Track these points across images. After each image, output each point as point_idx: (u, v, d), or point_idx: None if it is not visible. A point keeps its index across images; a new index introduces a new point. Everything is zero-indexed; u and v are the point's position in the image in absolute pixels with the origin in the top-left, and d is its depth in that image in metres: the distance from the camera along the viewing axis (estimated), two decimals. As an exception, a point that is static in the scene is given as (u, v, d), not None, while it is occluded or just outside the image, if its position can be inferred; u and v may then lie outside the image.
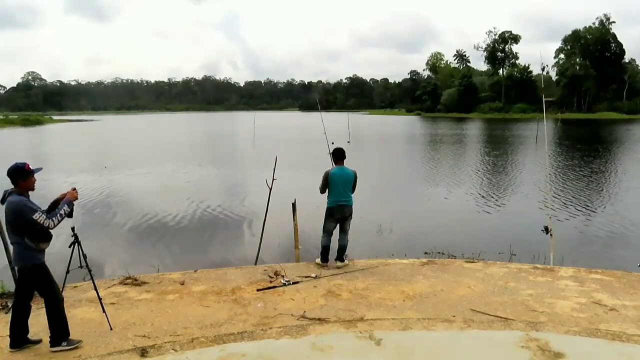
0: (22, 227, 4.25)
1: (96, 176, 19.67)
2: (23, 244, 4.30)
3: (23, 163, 4.39)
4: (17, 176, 4.32)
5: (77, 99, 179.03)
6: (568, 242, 9.55)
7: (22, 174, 4.33)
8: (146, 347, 4.42)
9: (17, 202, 4.24)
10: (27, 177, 4.35)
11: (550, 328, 4.74)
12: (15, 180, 4.34)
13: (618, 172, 20.91)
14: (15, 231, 4.30)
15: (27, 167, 4.35)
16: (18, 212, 4.21)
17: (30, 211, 4.22)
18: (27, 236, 4.28)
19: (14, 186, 4.35)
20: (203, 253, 9.40)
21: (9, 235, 4.41)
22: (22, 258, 4.37)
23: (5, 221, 4.36)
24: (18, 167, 4.33)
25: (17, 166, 4.33)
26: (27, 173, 4.35)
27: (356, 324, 4.91)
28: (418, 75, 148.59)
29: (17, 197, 4.29)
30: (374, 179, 17.54)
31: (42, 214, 4.26)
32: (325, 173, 6.97)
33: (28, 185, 4.38)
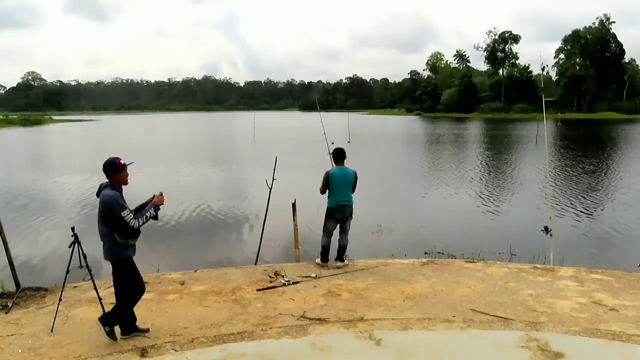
0: (112, 222, 4.36)
1: (96, 176, 19.66)
2: (113, 239, 4.42)
3: (114, 158, 4.50)
4: (109, 171, 4.45)
5: (77, 99, 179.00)
6: (568, 242, 9.55)
7: (113, 168, 4.44)
8: (146, 347, 4.42)
9: (110, 196, 4.36)
10: (118, 172, 4.46)
11: (550, 328, 4.74)
12: (107, 175, 4.47)
13: (618, 172, 20.91)
14: (106, 225, 4.41)
15: (118, 162, 4.45)
16: (110, 206, 4.33)
17: (120, 208, 4.32)
18: (116, 232, 4.40)
19: (108, 180, 4.48)
20: (203, 253, 9.40)
21: (100, 227, 4.50)
22: (112, 252, 4.48)
23: (98, 213, 4.46)
24: (110, 162, 4.45)
25: (109, 161, 4.46)
26: (118, 168, 4.45)
27: (356, 324, 4.91)
28: (418, 75, 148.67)
29: (110, 191, 4.40)
30: (374, 179, 17.55)
31: (130, 213, 4.38)
32: (325, 173, 6.96)
33: (120, 179, 4.48)
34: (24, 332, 4.81)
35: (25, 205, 14.07)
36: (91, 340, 4.62)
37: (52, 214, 12.95)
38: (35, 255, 9.08)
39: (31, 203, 14.38)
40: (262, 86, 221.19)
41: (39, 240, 10.33)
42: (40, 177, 20.41)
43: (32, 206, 13.87)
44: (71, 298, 5.69)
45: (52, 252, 9.22)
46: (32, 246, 9.74)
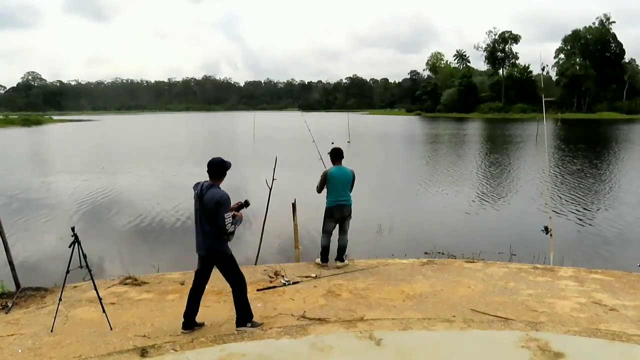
0: (216, 219, 4.53)
1: (96, 176, 19.67)
2: (217, 236, 4.63)
3: (223, 159, 4.69)
4: (220, 171, 4.66)
5: (77, 99, 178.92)
6: (568, 242, 9.55)
7: (224, 168, 4.68)
8: (146, 347, 4.42)
9: (224, 194, 4.57)
10: (226, 173, 4.71)
11: (550, 328, 4.74)
12: (219, 174, 4.66)
13: (618, 172, 20.92)
14: (211, 222, 4.57)
15: (226, 164, 4.70)
16: (222, 204, 4.51)
17: (227, 209, 4.55)
18: (219, 230, 4.59)
19: (215, 179, 4.65)
20: (203, 253, 9.39)
21: (203, 224, 4.65)
22: (217, 248, 4.68)
23: (203, 209, 4.60)
24: (221, 162, 4.65)
25: (220, 161, 4.66)
26: (227, 168, 4.70)
27: (356, 324, 4.91)
28: (418, 75, 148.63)
29: (222, 190, 4.61)
30: (374, 179, 17.55)
31: (230, 217, 4.58)
32: (323, 172, 6.97)
33: (222, 180, 4.72)
34: (24, 332, 4.80)
35: (26, 205, 14.07)
36: (91, 340, 4.62)
37: (52, 214, 12.95)
38: (35, 255, 9.08)
39: (31, 203, 14.37)
40: (262, 86, 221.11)
41: (39, 240, 10.33)
42: (40, 177, 20.40)
43: (32, 206, 13.86)
44: (71, 298, 5.69)
45: (52, 252, 9.22)
46: (32, 246, 9.74)
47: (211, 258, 4.78)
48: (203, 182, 4.69)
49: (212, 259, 4.79)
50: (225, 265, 4.78)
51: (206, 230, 4.63)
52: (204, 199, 4.58)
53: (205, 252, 4.75)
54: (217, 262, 4.79)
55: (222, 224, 4.53)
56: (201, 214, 4.63)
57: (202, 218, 4.64)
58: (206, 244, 4.69)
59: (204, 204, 4.57)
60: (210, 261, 4.82)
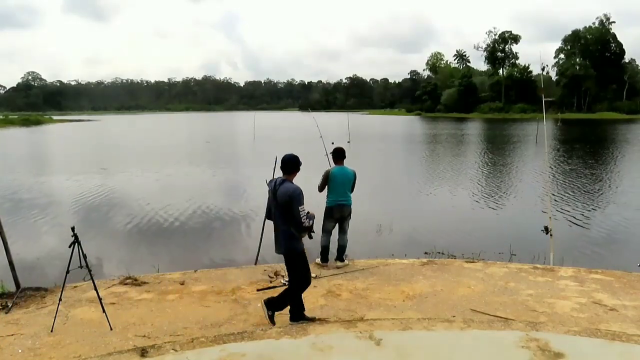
0: (291, 214, 4.61)
1: (96, 176, 19.67)
2: (289, 232, 4.69)
3: (296, 155, 4.80)
4: (293, 167, 4.75)
5: (77, 99, 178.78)
6: (568, 242, 9.55)
7: (297, 165, 4.78)
8: (146, 347, 4.42)
9: (296, 188, 4.63)
10: (298, 169, 4.80)
11: (550, 328, 4.73)
12: (291, 170, 4.74)
13: (618, 172, 20.92)
14: (286, 218, 4.66)
15: (299, 160, 4.82)
16: (295, 198, 4.58)
17: (301, 202, 4.61)
18: (293, 226, 4.65)
19: (288, 174, 4.73)
20: (203, 253, 9.40)
21: (278, 221, 4.73)
22: (288, 244, 4.73)
23: (277, 204, 4.69)
24: (295, 159, 4.77)
25: (295, 157, 4.78)
26: (299, 165, 4.80)
27: (356, 324, 4.91)
28: (418, 75, 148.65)
29: (295, 185, 4.67)
30: (374, 179, 17.55)
31: (305, 211, 4.63)
32: (325, 172, 6.98)
33: (295, 176, 4.80)
34: (24, 332, 4.80)
35: (26, 205, 14.06)
36: (91, 340, 4.62)
37: (52, 214, 12.95)
38: (35, 255, 9.08)
39: (31, 203, 14.37)
40: (262, 86, 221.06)
41: (39, 240, 10.33)
42: (40, 177, 20.40)
43: (32, 206, 13.86)
44: (71, 298, 5.68)
45: (52, 252, 9.22)
46: (32, 246, 9.74)
47: (286, 254, 4.83)
48: (276, 178, 4.79)
49: (287, 255, 4.83)
50: (295, 261, 4.81)
51: (281, 227, 4.73)
52: (278, 194, 4.66)
53: (281, 250, 4.83)
54: (289, 257, 4.82)
55: (297, 218, 4.59)
56: (276, 210, 4.73)
57: (277, 214, 4.74)
58: (281, 241, 4.78)
59: (278, 199, 4.66)
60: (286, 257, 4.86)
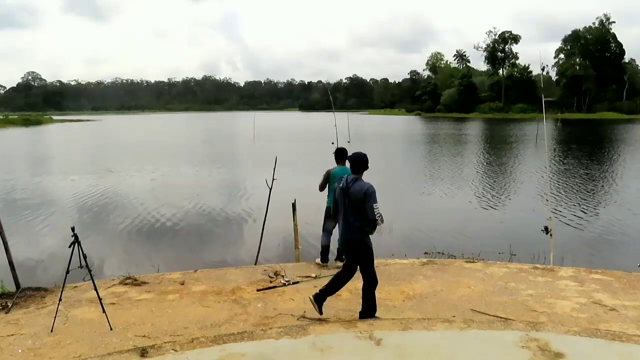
0: (364, 211, 4.70)
1: (96, 176, 19.67)
2: (361, 229, 4.80)
3: (364, 154, 4.92)
4: (363, 165, 4.87)
5: (77, 99, 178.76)
6: (568, 242, 9.55)
7: (366, 163, 4.89)
8: (146, 347, 4.42)
9: (370, 186, 4.74)
10: (367, 167, 4.92)
11: (550, 328, 4.73)
12: (362, 168, 4.86)
13: (618, 172, 20.91)
14: (359, 214, 4.74)
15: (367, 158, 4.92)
16: (370, 195, 4.67)
17: (375, 199, 4.71)
18: (365, 222, 4.76)
19: (358, 173, 4.85)
20: (203, 253, 9.40)
21: (349, 217, 4.81)
22: (359, 240, 4.85)
23: (349, 201, 4.79)
24: (365, 157, 4.89)
25: (364, 155, 4.89)
26: (368, 163, 4.91)
27: (356, 324, 4.90)
28: (418, 75, 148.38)
29: (368, 183, 4.78)
30: (374, 179, 17.43)
31: (378, 208, 4.72)
32: (326, 172, 6.98)
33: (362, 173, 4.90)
34: (24, 332, 4.80)
35: (26, 205, 14.07)
36: (91, 340, 4.62)
37: (52, 214, 12.95)
38: (35, 255, 9.08)
39: (31, 203, 14.37)
40: (262, 86, 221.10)
41: (39, 240, 10.33)
42: (40, 176, 20.40)
43: (32, 206, 13.86)
44: (71, 298, 5.68)
45: (52, 252, 9.22)
46: (32, 246, 9.74)
47: (353, 249, 4.92)
48: (347, 176, 4.88)
49: (354, 251, 4.92)
50: (364, 257, 4.89)
51: (351, 223, 4.80)
52: (351, 191, 4.76)
53: (347, 245, 4.92)
54: (357, 253, 4.90)
55: (372, 214, 4.67)
56: (346, 207, 4.80)
57: (347, 211, 4.81)
58: (349, 236, 4.87)
59: (351, 197, 4.75)
60: (352, 253, 4.95)
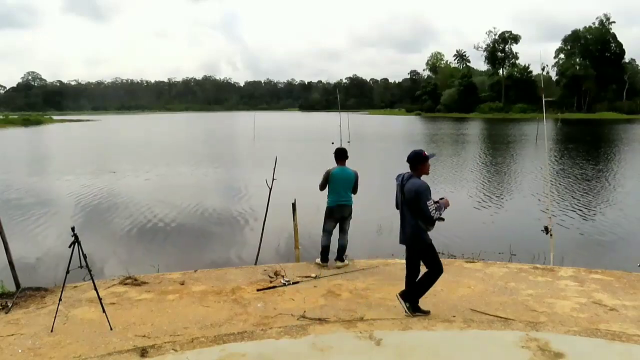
0: (417, 208, 4.77)
1: (96, 176, 19.67)
2: (416, 225, 4.86)
3: (421, 150, 4.94)
4: (419, 162, 4.86)
5: (77, 99, 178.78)
6: (568, 242, 9.55)
7: (420, 159, 4.86)
8: (146, 347, 4.42)
9: (422, 184, 4.78)
10: (423, 163, 4.87)
11: (550, 328, 4.74)
12: (415, 165, 4.88)
13: (618, 172, 20.91)
14: (413, 212, 4.83)
15: (424, 154, 4.88)
16: (420, 193, 4.73)
17: (427, 197, 4.74)
18: (420, 219, 4.82)
19: (413, 171, 4.89)
20: (203, 253, 9.40)
21: (405, 214, 4.91)
22: (414, 237, 4.93)
23: (402, 200, 4.90)
24: (417, 154, 4.87)
25: (417, 153, 4.89)
26: (424, 159, 4.87)
27: (356, 324, 4.91)
28: (418, 75, 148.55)
29: (420, 180, 4.83)
30: (374, 179, 17.52)
31: (433, 204, 4.75)
32: (326, 172, 6.99)
33: (425, 170, 4.92)
34: (24, 332, 4.80)
35: (26, 204, 14.07)
36: (91, 340, 4.62)
37: (52, 214, 12.95)
38: (35, 255, 9.08)
39: (31, 203, 14.37)
40: (262, 86, 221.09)
41: (39, 240, 10.33)
42: (40, 176, 20.41)
43: (32, 206, 13.86)
44: (71, 298, 5.68)
45: (52, 252, 9.22)
46: (32, 246, 9.74)
47: (412, 246, 5.00)
48: (404, 173, 4.95)
49: (413, 247, 5.00)
50: (424, 253, 4.97)
51: (407, 220, 4.89)
52: (405, 189, 4.83)
53: (406, 241, 5.00)
54: (417, 250, 4.99)
55: (426, 211, 4.71)
56: (403, 204, 4.90)
57: (403, 208, 4.91)
58: (407, 233, 4.94)
59: (405, 194, 4.83)
60: (412, 250, 5.02)
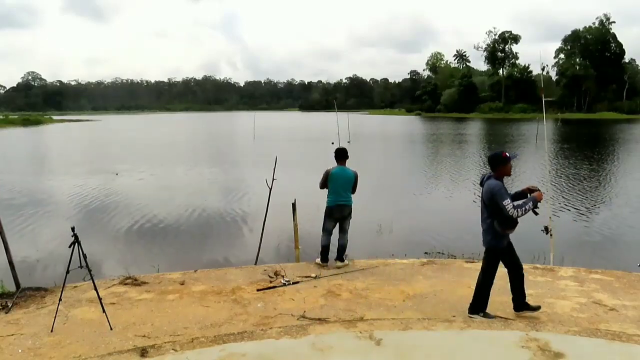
0: (494, 210, 4.70)
1: (96, 176, 19.66)
2: (492, 227, 4.77)
3: (501, 151, 4.87)
4: (498, 163, 4.78)
5: (77, 99, 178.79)
6: (568, 242, 9.54)
7: (502, 160, 4.77)
8: (146, 347, 4.42)
9: (494, 185, 4.70)
10: (506, 164, 4.78)
11: (550, 328, 4.74)
12: (495, 166, 4.81)
13: (618, 172, 20.91)
14: (488, 213, 4.76)
15: (504, 155, 4.78)
16: (493, 194, 4.65)
17: (502, 197, 4.61)
18: (496, 220, 4.72)
19: (493, 172, 4.83)
20: (203, 253, 9.40)
21: (483, 214, 4.84)
22: (489, 239, 4.85)
23: (481, 202, 4.87)
24: (497, 155, 4.82)
25: (496, 154, 4.83)
26: (505, 160, 4.77)
27: (356, 324, 4.91)
28: (418, 75, 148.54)
29: (495, 181, 4.74)
30: (375, 179, 17.54)
31: (510, 203, 4.60)
32: (326, 171, 6.99)
33: (506, 171, 4.81)
34: (24, 332, 4.80)
35: (26, 205, 14.06)
36: (91, 340, 4.62)
37: (52, 214, 12.95)
38: (35, 255, 9.08)
39: (31, 203, 14.36)
40: (262, 86, 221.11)
41: (39, 240, 10.33)
42: (40, 176, 20.41)
43: (32, 206, 13.85)
44: (71, 298, 5.68)
45: (52, 252, 9.22)
46: (32, 246, 9.73)
47: (488, 249, 4.91)
48: (487, 173, 4.91)
49: (489, 250, 4.91)
50: (492, 256, 4.93)
51: (483, 220, 4.85)
52: (482, 191, 4.83)
53: (484, 244, 4.94)
54: (494, 254, 4.91)
55: (506, 212, 4.60)
56: (482, 206, 4.87)
57: (482, 210, 4.87)
58: (484, 235, 4.90)
59: (482, 195, 4.82)
60: (489, 252, 4.93)
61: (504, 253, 4.91)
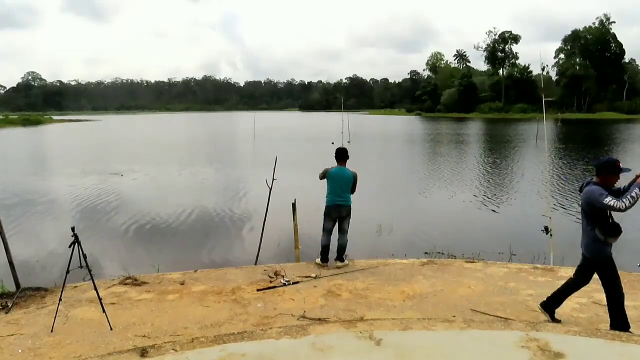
0: (594, 216, 4.44)
1: (96, 176, 19.66)
2: (593, 235, 4.49)
3: (616, 159, 4.53)
4: (607, 169, 4.47)
5: (77, 99, 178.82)
6: (568, 242, 9.49)
7: (614, 169, 4.46)
8: (146, 347, 4.41)
9: (590, 190, 4.42)
10: (615, 174, 4.47)
11: (550, 328, 4.73)
12: (602, 172, 4.49)
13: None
14: (588, 221, 4.50)
15: (618, 165, 4.47)
16: (590, 198, 4.39)
17: (600, 195, 4.30)
18: (597, 228, 4.45)
19: (598, 177, 4.52)
20: (203, 253, 9.41)
21: (583, 221, 4.59)
22: (590, 249, 4.58)
23: (581, 211, 4.61)
24: (612, 161, 4.50)
25: (611, 160, 4.51)
26: (617, 170, 4.46)
27: (356, 324, 4.90)
28: (418, 75, 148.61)
29: (592, 186, 4.44)
30: (374, 179, 17.54)
31: (612, 198, 4.27)
32: (324, 170, 7.01)
33: (611, 181, 4.49)
34: (24, 332, 4.80)
35: (26, 205, 14.07)
36: (91, 340, 4.62)
37: (52, 214, 12.95)
38: (35, 255, 9.08)
39: (31, 203, 14.37)
40: (262, 86, 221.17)
41: (39, 240, 10.33)
42: (40, 177, 20.40)
43: (32, 206, 13.86)
44: (71, 298, 5.68)
45: (52, 252, 9.23)
46: (32, 246, 9.74)
47: (588, 258, 4.64)
48: (588, 179, 4.65)
49: (589, 259, 4.64)
50: (601, 268, 4.61)
51: (583, 228, 4.61)
52: (582, 195, 4.57)
53: (584, 251, 4.69)
54: (594, 263, 4.63)
55: (610, 210, 4.35)
56: (582, 215, 4.62)
57: (582, 219, 4.62)
58: (584, 243, 4.65)
59: (582, 203, 4.58)
60: (588, 261, 4.65)
61: (609, 263, 4.55)
